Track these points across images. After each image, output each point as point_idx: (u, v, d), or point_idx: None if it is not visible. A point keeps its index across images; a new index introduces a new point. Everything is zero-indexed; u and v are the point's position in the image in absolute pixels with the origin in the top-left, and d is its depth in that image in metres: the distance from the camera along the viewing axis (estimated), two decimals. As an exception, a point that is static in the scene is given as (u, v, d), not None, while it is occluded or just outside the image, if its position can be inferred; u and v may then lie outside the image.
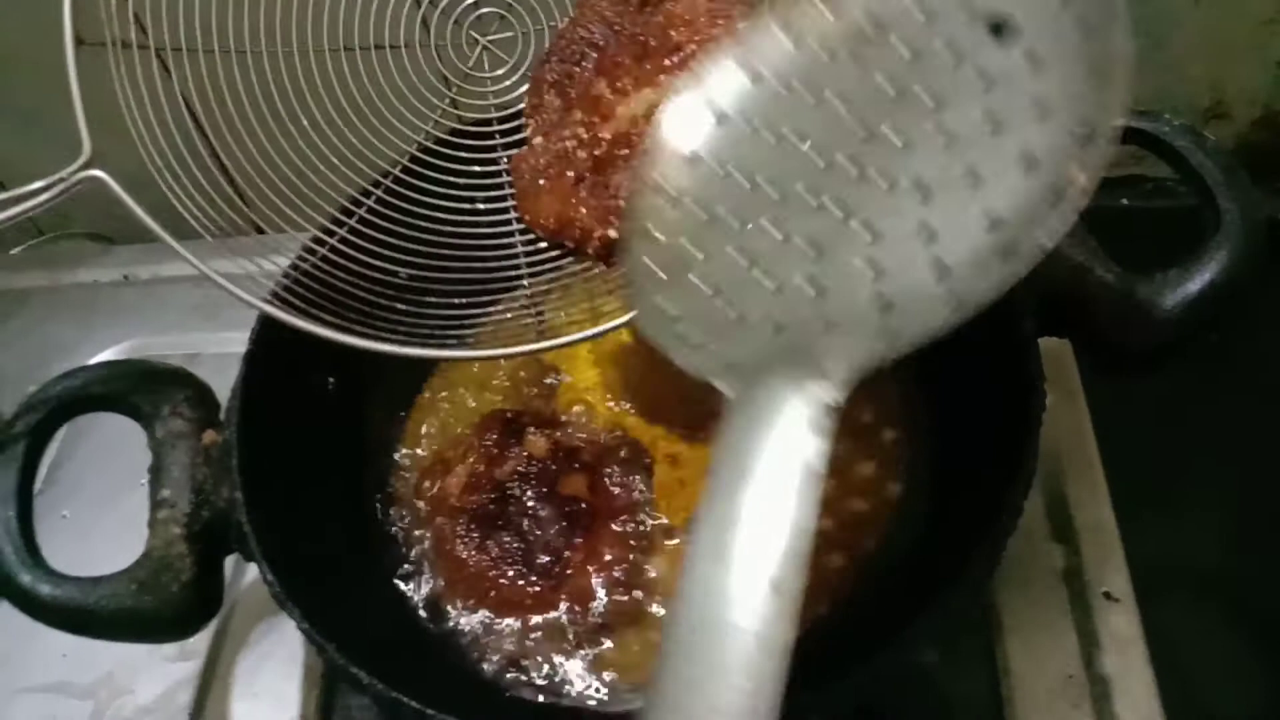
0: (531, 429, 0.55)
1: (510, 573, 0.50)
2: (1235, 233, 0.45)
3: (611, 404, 0.58)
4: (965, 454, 0.50)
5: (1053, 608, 0.53)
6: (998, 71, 0.31)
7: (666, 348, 0.35)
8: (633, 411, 0.57)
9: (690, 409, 0.56)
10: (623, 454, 0.55)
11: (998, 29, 0.32)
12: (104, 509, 0.63)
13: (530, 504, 0.52)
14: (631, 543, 0.52)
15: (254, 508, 0.45)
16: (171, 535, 0.45)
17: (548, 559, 0.51)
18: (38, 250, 0.86)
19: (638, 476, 0.54)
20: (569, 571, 0.51)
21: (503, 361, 0.60)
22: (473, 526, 0.52)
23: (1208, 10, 0.66)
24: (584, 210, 0.43)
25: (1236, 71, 0.70)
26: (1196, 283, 0.45)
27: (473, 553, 0.51)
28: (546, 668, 0.49)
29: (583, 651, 0.49)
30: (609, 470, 0.54)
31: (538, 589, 0.50)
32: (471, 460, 0.54)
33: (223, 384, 0.51)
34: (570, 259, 0.44)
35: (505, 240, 0.45)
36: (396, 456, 0.57)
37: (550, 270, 0.45)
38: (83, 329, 0.73)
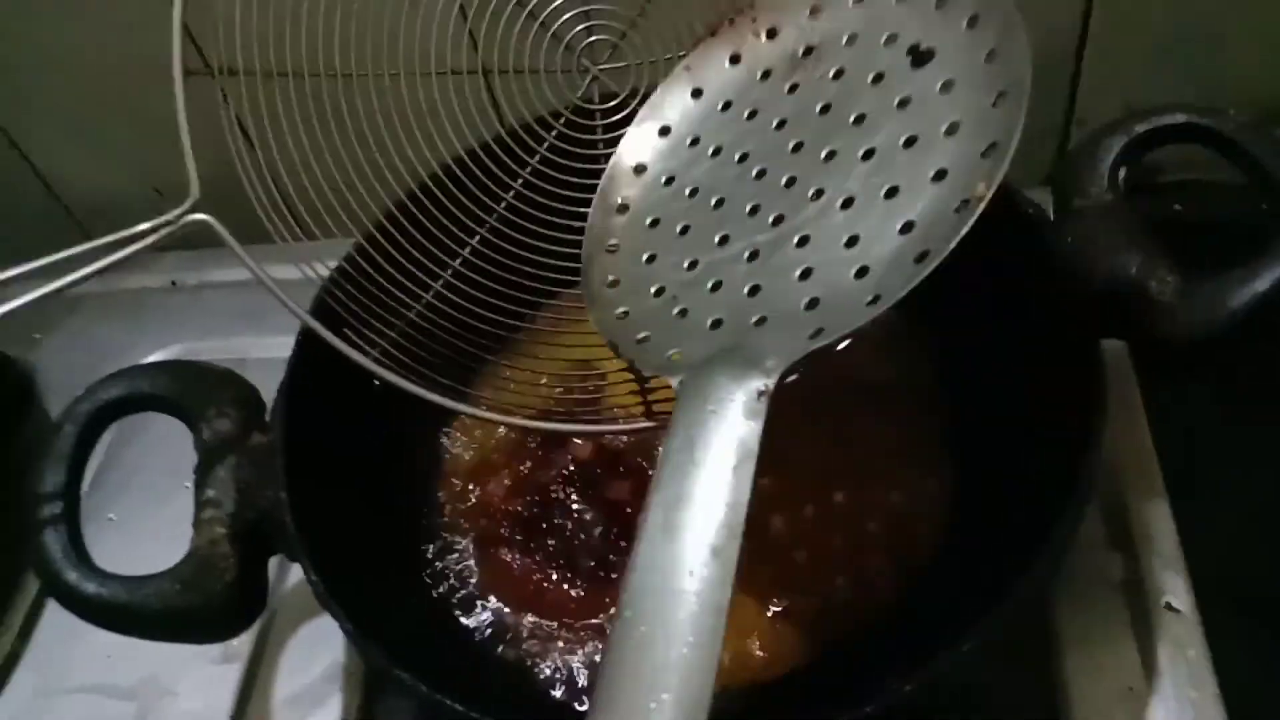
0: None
1: (555, 577, 0.50)
2: (1305, 229, 0.44)
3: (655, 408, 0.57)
4: (1023, 461, 0.49)
5: (1111, 619, 0.51)
6: (915, 93, 0.36)
7: (617, 343, 0.38)
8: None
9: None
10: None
11: (917, 56, 0.37)
12: (149, 512, 0.64)
13: (574, 508, 0.52)
14: None
15: (298, 508, 0.45)
16: (216, 535, 0.45)
17: (592, 563, 0.50)
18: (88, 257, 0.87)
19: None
20: (614, 576, 0.50)
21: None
22: (517, 531, 0.51)
23: (1269, 6, 0.64)
24: None
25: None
26: (1265, 281, 0.43)
27: (517, 556, 0.50)
28: (590, 673, 0.48)
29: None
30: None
31: (582, 593, 0.49)
32: (516, 464, 0.53)
33: (268, 387, 0.51)
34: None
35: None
36: (441, 459, 0.57)
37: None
38: (131, 333, 0.73)
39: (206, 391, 0.48)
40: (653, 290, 0.39)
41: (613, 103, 0.46)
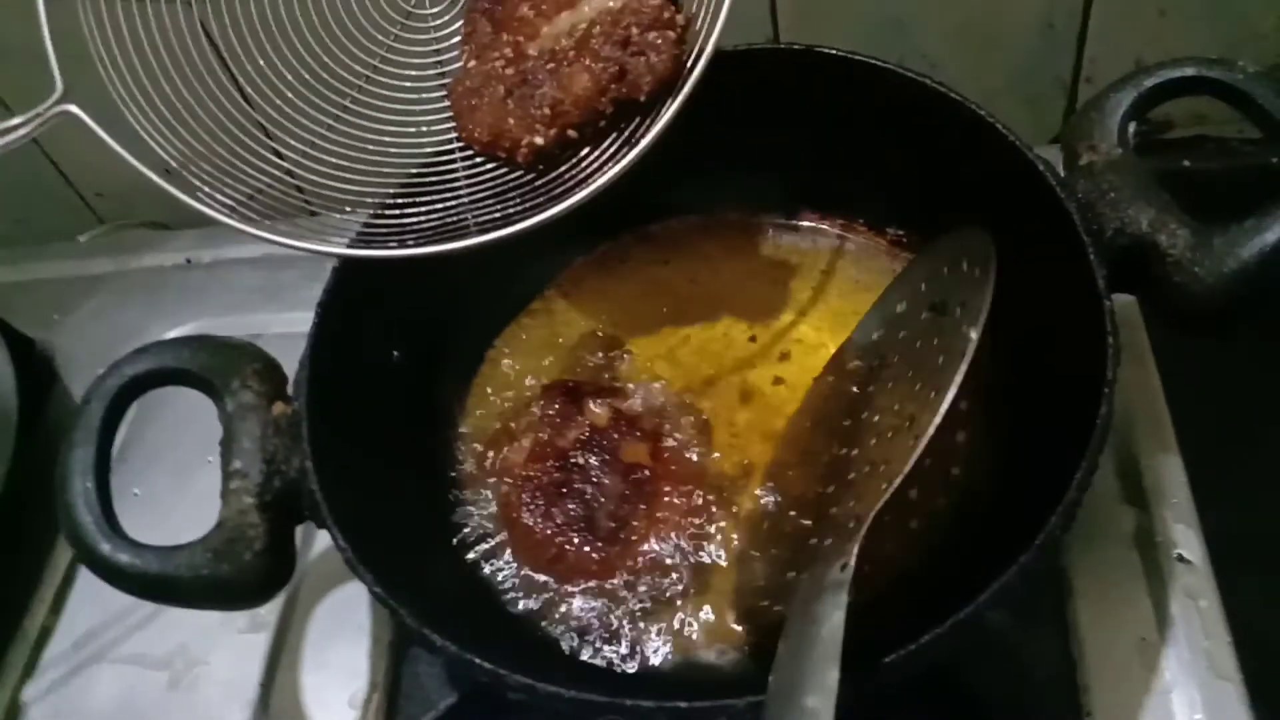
0: (593, 399, 0.55)
1: (575, 539, 0.51)
2: (1316, 180, 0.44)
3: (669, 372, 0.58)
4: (1038, 412, 0.49)
5: (1124, 570, 0.52)
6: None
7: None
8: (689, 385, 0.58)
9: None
10: (683, 421, 0.55)
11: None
12: (173, 487, 0.65)
13: (593, 472, 0.52)
14: (694, 507, 0.52)
15: (324, 476, 0.46)
16: (244, 505, 0.46)
17: (612, 525, 0.51)
18: (103, 238, 0.88)
19: (698, 443, 0.55)
20: (633, 538, 0.51)
21: (563, 332, 0.61)
22: (538, 495, 0.52)
23: (1278, -41, 0.64)
24: (512, 121, 0.47)
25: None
26: (1275, 232, 0.44)
27: (538, 520, 0.51)
28: (612, 634, 0.49)
29: (649, 618, 0.50)
30: (670, 438, 0.54)
31: (602, 555, 0.50)
32: (535, 430, 0.54)
33: (287, 361, 0.51)
34: (506, 170, 0.47)
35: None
36: (462, 427, 0.58)
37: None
38: (149, 312, 0.74)
39: (229, 364, 0.49)
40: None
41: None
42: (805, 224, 0.61)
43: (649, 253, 0.63)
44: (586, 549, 0.50)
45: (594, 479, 0.52)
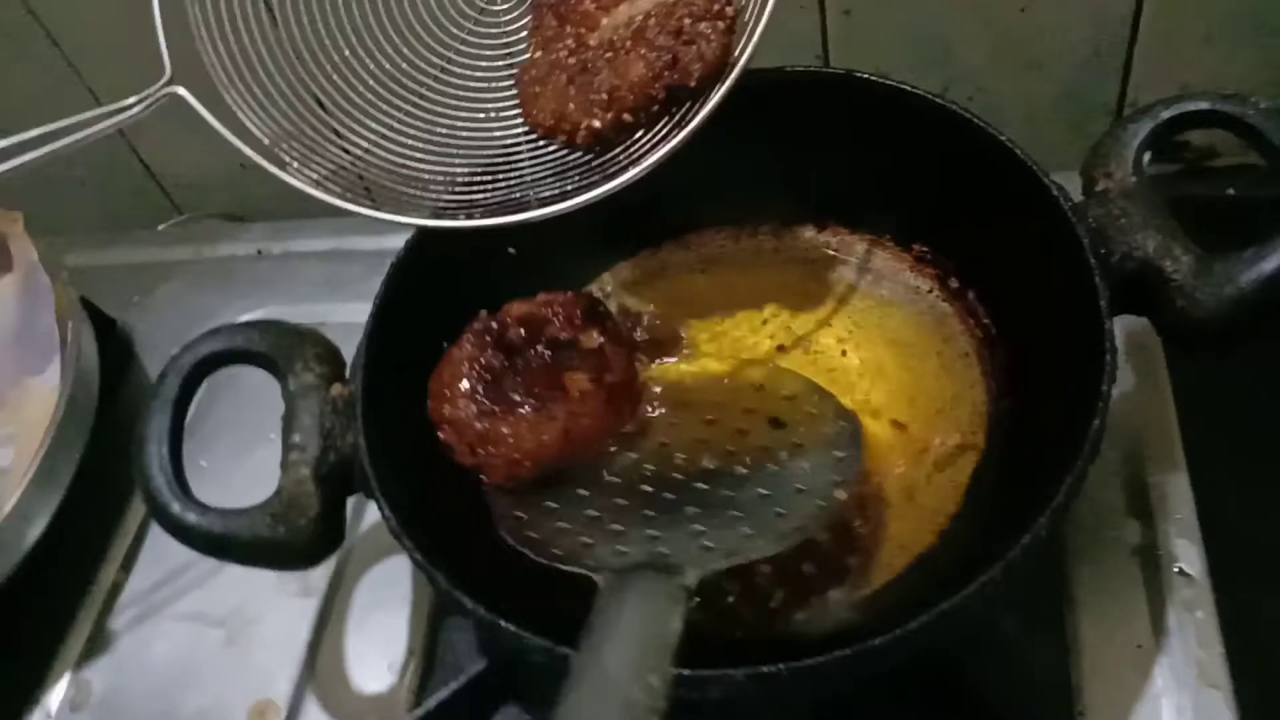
0: (603, 327, 0.54)
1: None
2: (1316, 214, 0.46)
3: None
4: (1041, 423, 0.52)
5: (1125, 581, 0.54)
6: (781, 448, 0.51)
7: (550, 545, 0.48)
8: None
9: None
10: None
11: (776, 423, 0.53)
12: (236, 460, 0.69)
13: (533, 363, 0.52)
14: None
15: (375, 452, 0.50)
16: (301, 476, 0.50)
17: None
18: (180, 227, 0.94)
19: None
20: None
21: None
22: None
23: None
24: (573, 106, 0.50)
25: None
26: (1272, 262, 0.46)
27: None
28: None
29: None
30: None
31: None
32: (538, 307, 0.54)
33: (346, 349, 0.55)
34: (566, 151, 0.51)
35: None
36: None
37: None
38: (222, 298, 0.79)
39: (294, 347, 0.53)
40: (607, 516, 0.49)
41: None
42: (834, 239, 0.64)
43: (686, 260, 0.66)
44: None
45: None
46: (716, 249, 0.66)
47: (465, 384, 0.51)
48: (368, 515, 0.65)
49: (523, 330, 0.52)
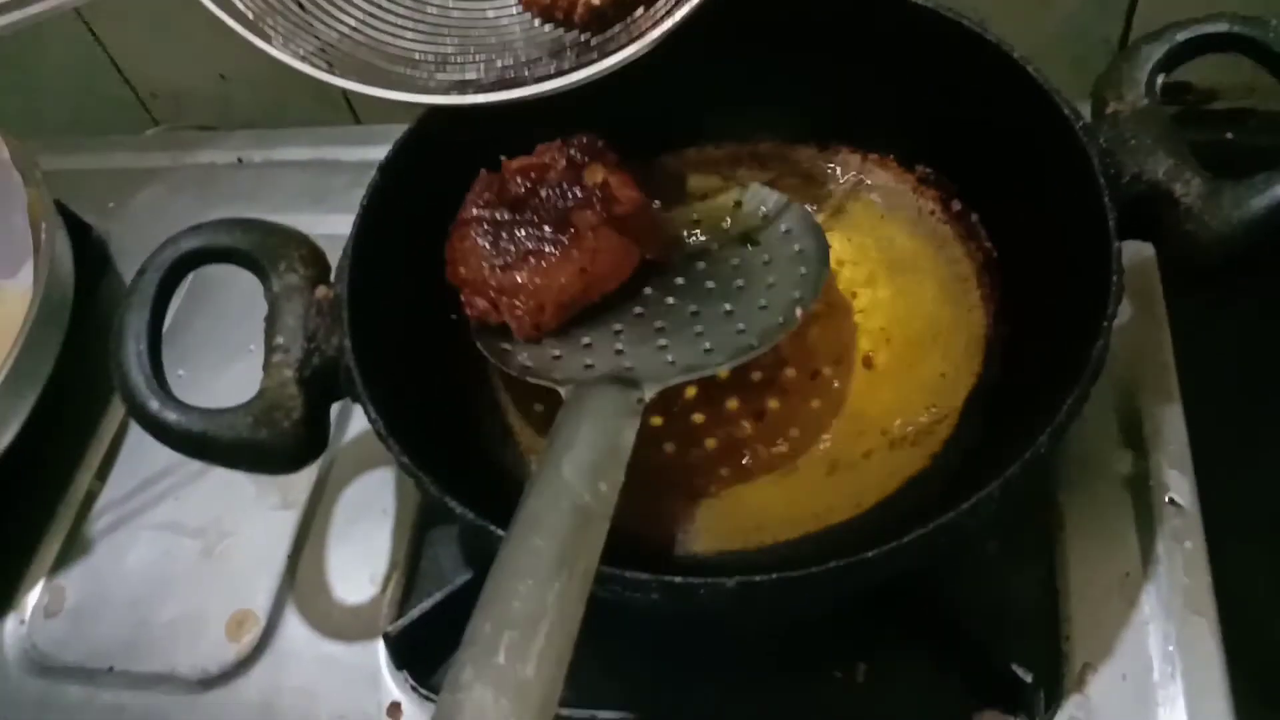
0: (609, 160, 0.53)
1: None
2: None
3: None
4: (1040, 348, 0.51)
5: (1116, 510, 0.54)
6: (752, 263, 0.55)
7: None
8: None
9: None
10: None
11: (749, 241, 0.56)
12: (215, 370, 0.68)
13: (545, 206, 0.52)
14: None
15: (361, 355, 0.48)
16: (284, 377, 0.49)
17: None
18: (160, 135, 0.91)
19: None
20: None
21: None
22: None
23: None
24: None
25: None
26: (1284, 187, 0.45)
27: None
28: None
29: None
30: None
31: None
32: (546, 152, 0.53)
33: (330, 260, 0.53)
34: (562, 30, 0.50)
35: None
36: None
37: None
38: (200, 205, 0.77)
39: (278, 247, 0.51)
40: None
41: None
42: (836, 157, 0.63)
43: (682, 169, 0.64)
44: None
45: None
46: (716, 165, 0.64)
47: (476, 242, 0.51)
48: (350, 427, 0.64)
49: (526, 181, 0.51)
